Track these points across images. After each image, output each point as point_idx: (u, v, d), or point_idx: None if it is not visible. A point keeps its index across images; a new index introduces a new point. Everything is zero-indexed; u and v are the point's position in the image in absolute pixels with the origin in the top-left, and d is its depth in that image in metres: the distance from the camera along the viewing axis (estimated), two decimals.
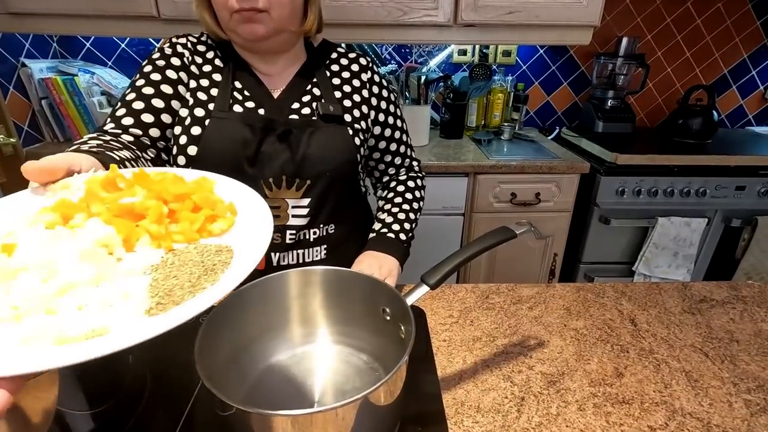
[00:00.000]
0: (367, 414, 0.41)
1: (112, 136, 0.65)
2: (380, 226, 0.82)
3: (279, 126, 0.71)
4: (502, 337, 0.68)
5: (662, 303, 0.76)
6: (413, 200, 0.86)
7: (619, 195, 1.62)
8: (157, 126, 0.70)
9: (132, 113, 0.68)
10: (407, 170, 0.92)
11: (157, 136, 0.70)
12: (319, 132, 0.73)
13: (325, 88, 0.77)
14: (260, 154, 0.71)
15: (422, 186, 0.91)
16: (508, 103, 2.00)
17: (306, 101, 0.75)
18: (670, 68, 2.03)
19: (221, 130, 0.69)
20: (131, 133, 0.68)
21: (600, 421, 0.53)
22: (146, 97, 0.70)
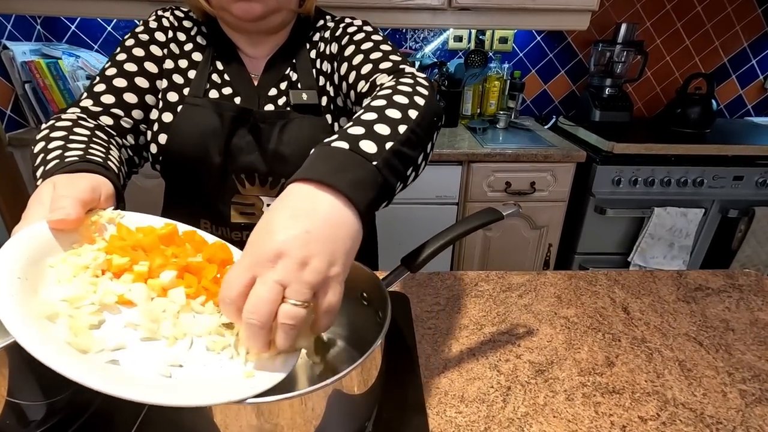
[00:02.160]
0: (339, 402, 0.39)
1: (90, 118, 0.60)
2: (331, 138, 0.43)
3: (250, 117, 0.65)
4: (489, 326, 0.65)
5: (656, 291, 0.74)
6: (394, 95, 0.48)
7: (615, 184, 1.59)
8: (140, 107, 0.64)
9: (113, 91, 0.62)
10: (394, 75, 0.57)
11: (140, 118, 0.65)
12: (292, 125, 0.65)
13: (302, 69, 0.69)
14: (231, 147, 0.65)
15: (416, 85, 0.51)
16: (504, 91, 1.97)
17: (283, 88, 0.68)
18: (669, 56, 2.00)
19: (192, 118, 0.64)
20: (112, 114, 0.62)
21: (589, 411, 0.51)
22: (129, 74, 0.64)
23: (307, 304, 0.32)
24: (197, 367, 0.33)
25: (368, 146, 0.39)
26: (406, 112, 0.45)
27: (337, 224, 0.34)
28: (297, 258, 0.32)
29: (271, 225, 0.33)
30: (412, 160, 0.44)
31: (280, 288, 0.31)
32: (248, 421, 0.35)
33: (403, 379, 0.54)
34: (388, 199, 0.41)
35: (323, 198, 0.35)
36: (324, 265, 0.33)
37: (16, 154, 1.55)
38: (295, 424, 0.36)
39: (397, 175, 0.41)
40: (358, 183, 0.36)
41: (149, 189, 1.59)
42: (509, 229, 1.70)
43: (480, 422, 0.49)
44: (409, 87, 0.50)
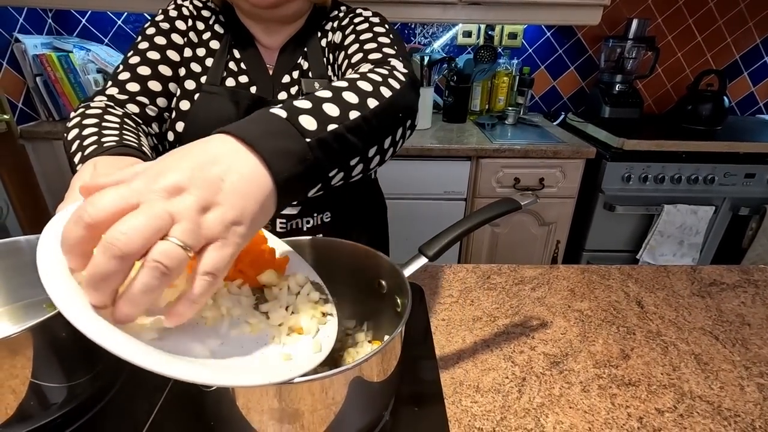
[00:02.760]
0: (359, 388, 0.39)
1: (118, 106, 0.60)
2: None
3: (265, 106, 0.65)
4: (503, 318, 0.65)
5: (670, 286, 0.74)
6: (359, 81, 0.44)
7: (625, 181, 1.58)
8: (164, 95, 0.64)
9: (137, 79, 0.62)
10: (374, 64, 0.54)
11: (164, 107, 0.65)
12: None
13: (314, 58, 0.69)
14: None
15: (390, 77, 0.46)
16: (513, 87, 1.96)
17: (295, 77, 0.69)
18: (680, 53, 1.98)
19: (209, 106, 0.65)
20: (137, 102, 0.62)
21: (605, 403, 0.50)
22: (152, 62, 0.64)
23: (190, 252, 0.26)
24: (235, 348, 0.33)
25: (307, 122, 0.36)
26: (364, 100, 0.41)
27: (251, 184, 0.30)
28: (201, 198, 0.27)
29: (181, 158, 0.29)
30: (358, 150, 0.40)
31: (168, 221, 0.26)
32: (270, 404, 0.35)
33: (419, 368, 0.54)
34: (321, 183, 0.38)
35: (244, 156, 0.31)
36: (228, 218, 0.28)
37: (28, 147, 1.56)
38: (315, 409, 0.36)
39: (333, 160, 0.37)
40: (282, 153, 0.33)
41: None
42: (517, 225, 1.69)
43: (496, 412, 0.49)
44: (380, 77, 0.45)
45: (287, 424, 0.36)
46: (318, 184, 0.38)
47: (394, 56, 0.56)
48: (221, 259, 0.28)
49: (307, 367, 0.33)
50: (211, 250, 0.28)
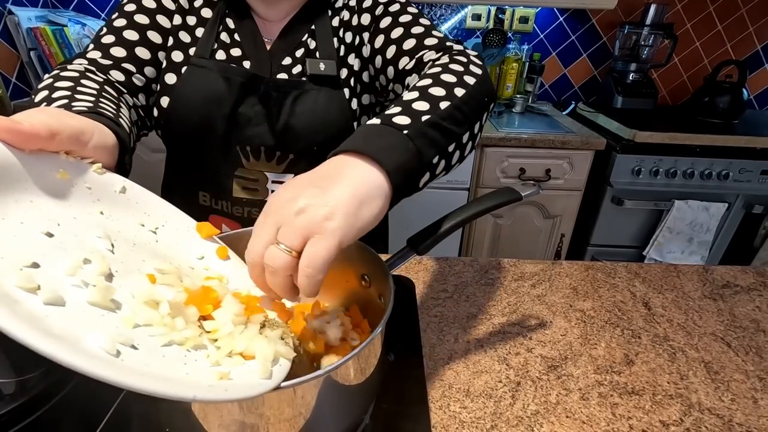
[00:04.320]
0: (333, 392, 0.35)
1: (99, 72, 0.55)
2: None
3: (261, 85, 0.60)
4: (499, 316, 0.61)
5: (680, 286, 0.69)
6: (443, 74, 0.45)
7: (635, 175, 1.52)
8: (153, 65, 0.59)
9: (123, 43, 0.57)
10: (443, 52, 0.53)
11: (153, 77, 0.60)
12: (306, 97, 0.60)
13: (322, 37, 0.63)
14: (237, 116, 0.60)
15: (470, 64, 0.48)
16: (523, 74, 1.89)
17: (299, 56, 0.63)
18: (699, 42, 1.89)
19: (196, 81, 0.60)
20: (123, 69, 0.56)
21: (605, 413, 0.47)
22: (140, 27, 0.58)
23: (293, 252, 0.31)
24: (152, 354, 0.27)
25: (401, 119, 0.38)
26: (451, 90, 0.43)
27: (357, 181, 0.33)
28: (303, 204, 0.31)
29: (289, 185, 0.34)
30: (454, 135, 0.42)
31: (275, 230, 0.32)
32: (230, 411, 0.31)
33: (405, 369, 0.50)
34: (429, 171, 0.40)
35: (349, 162, 0.35)
36: (318, 213, 0.31)
37: None
38: (283, 415, 0.33)
39: (433, 146, 0.39)
40: (384, 147, 0.35)
41: (154, 163, 1.56)
42: (521, 217, 1.65)
43: (486, 419, 0.45)
44: (461, 66, 0.48)
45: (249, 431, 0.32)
46: (425, 172, 0.40)
47: (446, 39, 0.57)
48: (314, 253, 0.30)
49: (249, 393, 0.28)
50: (308, 246, 0.31)
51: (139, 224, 0.38)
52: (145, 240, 0.37)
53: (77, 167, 0.36)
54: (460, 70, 0.47)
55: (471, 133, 0.45)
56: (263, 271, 0.32)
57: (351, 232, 0.32)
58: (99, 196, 0.36)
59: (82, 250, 0.31)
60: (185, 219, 0.42)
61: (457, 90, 0.43)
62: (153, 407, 0.33)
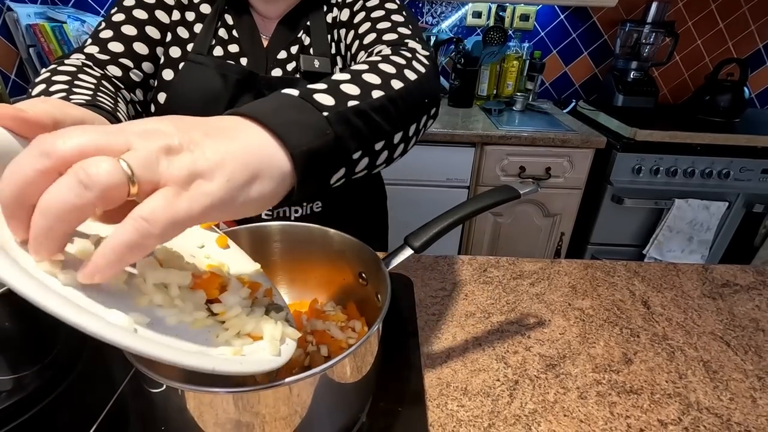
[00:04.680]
0: (329, 390, 0.35)
1: (97, 67, 0.54)
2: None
3: (256, 82, 0.60)
4: (498, 314, 0.61)
5: (679, 285, 0.69)
6: (381, 63, 0.40)
7: (635, 173, 1.52)
8: (151, 60, 0.59)
9: (121, 39, 0.57)
10: (393, 47, 0.49)
11: (151, 72, 0.60)
12: None
13: (317, 33, 0.63)
14: None
15: (413, 60, 0.43)
16: (523, 72, 1.88)
17: (294, 53, 0.63)
18: (700, 40, 1.89)
19: (194, 78, 0.59)
20: (120, 65, 0.56)
21: (603, 412, 0.46)
22: (139, 22, 0.58)
23: (133, 185, 0.21)
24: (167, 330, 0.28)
25: (324, 98, 0.32)
26: (388, 81, 0.37)
27: (252, 154, 0.26)
28: (174, 140, 0.23)
29: (175, 120, 0.25)
30: (383, 132, 0.36)
31: (122, 147, 0.22)
32: (225, 409, 0.31)
33: (402, 367, 0.50)
34: (346, 167, 0.33)
35: (250, 126, 0.27)
36: (196, 167, 0.23)
37: None
38: (278, 413, 0.33)
39: (356, 138, 0.33)
40: (296, 124, 0.28)
41: None
42: (521, 216, 1.64)
43: (483, 417, 0.45)
44: (404, 60, 0.42)
45: (246, 430, 0.32)
46: (341, 167, 0.33)
47: (410, 36, 0.52)
48: (166, 209, 0.21)
49: (263, 368, 0.29)
50: (158, 193, 0.22)
51: None
52: None
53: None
54: (401, 62, 0.41)
55: (405, 134, 0.39)
56: (49, 174, 0.21)
57: (226, 207, 0.24)
58: None
59: (89, 235, 0.30)
60: None
61: (394, 82, 0.38)
62: (148, 404, 0.33)
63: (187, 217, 0.22)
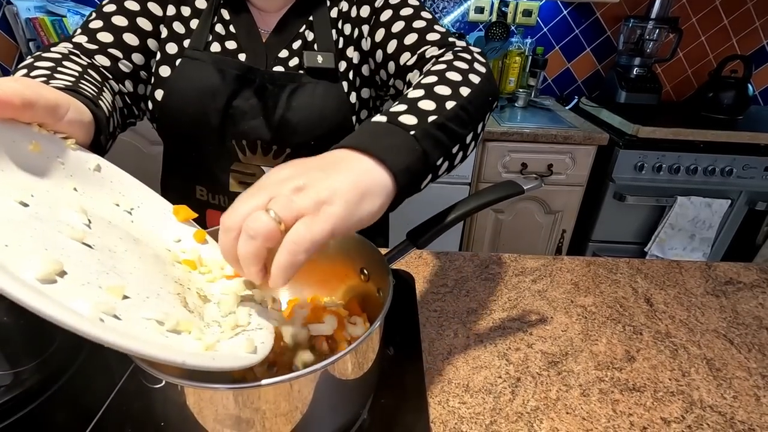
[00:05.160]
0: (330, 387, 0.34)
1: (84, 56, 0.54)
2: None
3: (256, 78, 0.59)
4: (500, 311, 0.61)
5: (682, 283, 0.68)
6: (448, 72, 0.44)
7: (638, 171, 1.51)
8: (141, 51, 0.58)
9: (111, 29, 0.56)
10: (446, 48, 0.52)
11: (141, 64, 0.59)
12: (303, 90, 0.59)
13: (320, 29, 0.62)
14: (231, 109, 0.59)
15: (474, 62, 0.48)
16: (525, 68, 1.87)
17: (296, 48, 0.61)
18: (704, 36, 1.87)
19: (191, 74, 0.58)
20: (109, 55, 0.55)
21: (606, 409, 0.46)
22: (130, 13, 0.57)
23: (281, 224, 0.28)
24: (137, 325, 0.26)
25: (407, 119, 0.37)
26: (457, 90, 0.42)
27: (362, 174, 0.32)
28: (302, 182, 0.30)
29: (289, 164, 0.32)
30: (459, 137, 0.41)
31: (266, 201, 0.29)
32: (225, 406, 0.31)
33: (404, 364, 0.50)
34: (432, 174, 0.39)
35: (355, 156, 0.33)
36: (319, 196, 0.29)
37: None
38: (279, 409, 0.32)
39: (439, 148, 0.38)
40: (391, 147, 0.34)
41: (154, 156, 1.55)
42: (522, 213, 1.64)
43: (485, 414, 0.45)
44: (466, 64, 0.47)
45: (246, 427, 0.32)
46: (429, 174, 0.39)
47: (447, 34, 0.56)
48: (305, 232, 0.28)
49: (234, 364, 0.28)
50: (299, 223, 0.29)
51: (113, 203, 0.37)
52: (120, 219, 0.36)
53: (50, 141, 0.34)
54: (464, 68, 0.46)
55: (474, 134, 0.44)
56: (237, 237, 0.29)
57: (347, 222, 0.30)
58: (72, 172, 0.35)
59: (58, 222, 0.29)
60: (161, 202, 0.41)
61: (462, 89, 0.42)
62: (147, 400, 0.33)
63: (321, 233, 0.29)
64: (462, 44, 0.53)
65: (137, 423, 0.39)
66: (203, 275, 0.36)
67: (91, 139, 0.39)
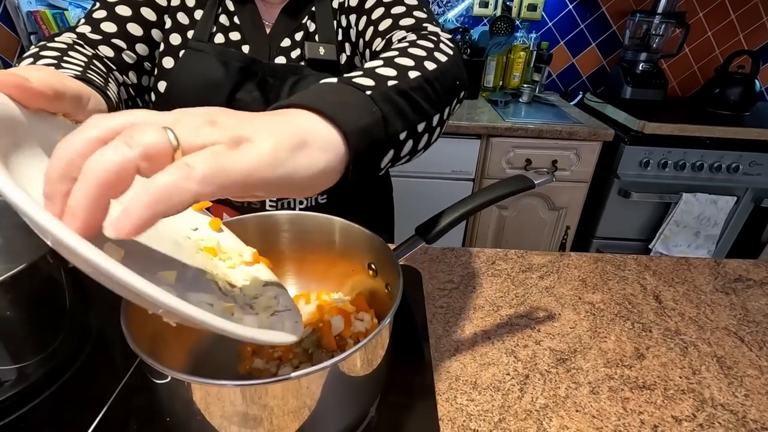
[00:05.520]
0: (339, 384, 0.34)
1: (88, 46, 0.53)
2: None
3: (259, 70, 0.58)
4: (507, 307, 0.60)
5: (691, 280, 0.68)
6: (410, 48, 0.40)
7: (643, 167, 1.50)
8: (145, 42, 0.57)
9: (114, 19, 0.55)
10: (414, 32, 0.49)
11: (145, 55, 0.58)
12: (304, 83, 0.58)
13: (322, 19, 0.61)
14: (235, 102, 0.58)
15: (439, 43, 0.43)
16: (530, 63, 1.85)
17: (298, 39, 0.61)
18: (711, 31, 1.85)
19: (194, 66, 0.57)
20: (113, 45, 0.54)
21: (616, 407, 0.46)
22: (134, 3, 0.56)
23: (177, 146, 0.20)
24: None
25: (364, 81, 0.32)
26: (421, 62, 0.37)
27: (304, 125, 0.26)
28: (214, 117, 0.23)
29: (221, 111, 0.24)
30: (425, 112, 0.35)
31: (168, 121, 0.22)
32: (233, 402, 0.30)
33: (412, 361, 0.49)
34: (394, 149, 0.33)
35: (297, 113, 0.27)
36: (239, 131, 0.22)
37: None
38: (287, 406, 0.32)
39: (401, 118, 0.32)
40: (342, 104, 0.28)
41: None
42: (526, 209, 1.63)
43: (494, 412, 0.44)
44: (431, 44, 0.42)
45: (253, 423, 0.31)
46: (390, 148, 0.32)
47: (427, 20, 0.51)
48: (211, 159, 0.20)
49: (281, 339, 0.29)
50: (206, 149, 0.21)
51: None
52: None
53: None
54: (429, 46, 0.41)
55: (440, 117, 0.39)
56: (97, 142, 0.20)
57: (272, 170, 0.23)
58: None
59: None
60: None
61: (427, 63, 0.38)
62: (154, 396, 0.32)
63: (232, 170, 0.21)
64: (434, 29, 0.48)
65: (143, 418, 0.38)
66: (224, 262, 0.36)
67: None
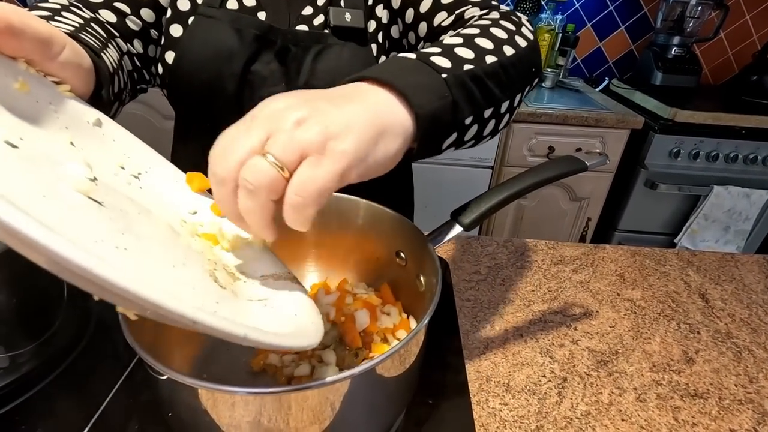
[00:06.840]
0: (368, 389, 0.30)
1: (87, 9, 0.48)
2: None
3: (278, 38, 0.53)
4: (539, 302, 0.55)
5: (740, 278, 0.62)
6: (492, 27, 0.39)
7: (673, 157, 1.42)
8: (151, 7, 0.52)
9: None
10: (490, 10, 0.46)
11: (151, 21, 0.53)
12: (329, 53, 0.53)
13: None
14: (250, 74, 0.53)
15: (522, 27, 0.42)
16: (555, 47, 1.76)
17: (321, 5, 0.55)
18: (749, 15, 1.74)
19: (205, 33, 0.52)
20: (115, 9, 0.50)
21: (666, 418, 0.41)
22: None
23: (284, 170, 0.23)
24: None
25: (441, 61, 0.32)
26: (500, 46, 0.36)
27: (380, 109, 0.27)
28: (303, 113, 0.25)
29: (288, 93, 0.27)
30: (495, 99, 0.35)
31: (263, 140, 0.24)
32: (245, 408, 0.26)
33: (442, 358, 0.45)
34: (458, 134, 0.33)
35: (372, 89, 0.28)
36: (327, 130, 0.24)
37: None
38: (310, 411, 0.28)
39: (471, 104, 0.32)
40: (418, 85, 0.29)
41: (167, 131, 1.51)
42: (546, 199, 1.57)
43: (530, 418, 0.40)
44: (514, 26, 0.41)
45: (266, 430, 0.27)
46: (454, 132, 0.33)
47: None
48: (311, 176, 0.23)
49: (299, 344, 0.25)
50: (303, 167, 0.24)
51: (118, 166, 0.31)
52: (126, 184, 0.30)
53: (40, 83, 0.28)
54: (512, 28, 0.40)
55: (510, 104, 0.38)
56: (235, 191, 0.25)
57: (360, 165, 0.25)
58: (68, 124, 0.29)
59: (57, 171, 0.24)
60: (172, 168, 0.35)
61: (506, 48, 0.37)
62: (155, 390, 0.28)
63: (333, 178, 0.24)
64: (507, 9, 0.47)
65: (145, 414, 0.35)
66: (226, 252, 0.31)
67: (90, 92, 0.34)
